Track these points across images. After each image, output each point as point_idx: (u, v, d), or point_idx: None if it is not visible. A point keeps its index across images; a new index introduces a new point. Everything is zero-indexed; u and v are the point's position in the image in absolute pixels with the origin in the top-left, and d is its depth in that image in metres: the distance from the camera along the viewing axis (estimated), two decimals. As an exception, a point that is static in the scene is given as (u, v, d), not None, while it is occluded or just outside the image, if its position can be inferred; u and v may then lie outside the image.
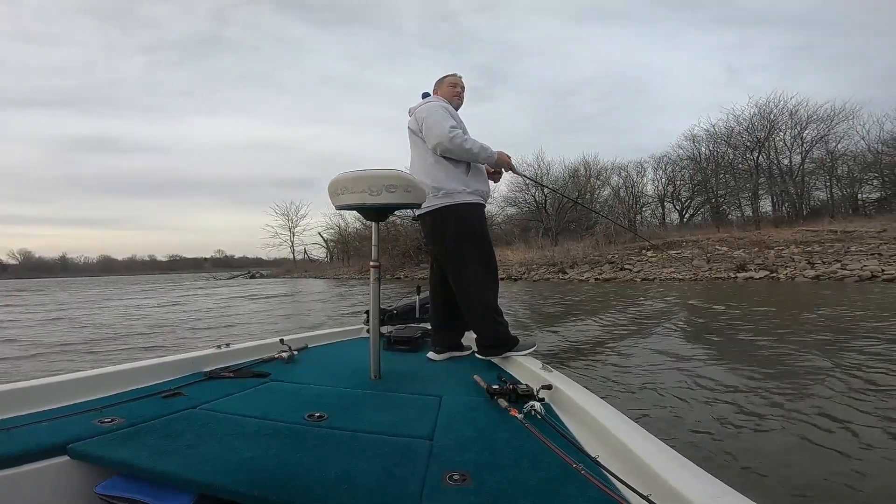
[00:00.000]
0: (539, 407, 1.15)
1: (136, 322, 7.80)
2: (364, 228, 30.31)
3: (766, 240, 13.82)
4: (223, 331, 6.56)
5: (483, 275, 1.86)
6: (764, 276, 11.11)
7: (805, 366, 3.21)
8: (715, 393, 2.70)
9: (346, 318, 7.78)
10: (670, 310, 6.73)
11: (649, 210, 26.58)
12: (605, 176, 25.64)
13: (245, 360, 1.81)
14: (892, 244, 11.12)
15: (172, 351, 4.60)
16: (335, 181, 1.58)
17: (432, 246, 1.99)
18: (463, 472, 0.87)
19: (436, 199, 1.85)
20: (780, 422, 2.22)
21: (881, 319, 4.91)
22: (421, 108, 1.92)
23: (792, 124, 21.01)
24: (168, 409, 1.23)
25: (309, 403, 1.30)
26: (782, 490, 1.61)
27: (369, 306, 1.70)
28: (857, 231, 12.78)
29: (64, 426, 1.07)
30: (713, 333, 4.72)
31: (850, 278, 9.62)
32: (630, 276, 13.67)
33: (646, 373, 3.22)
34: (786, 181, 21.33)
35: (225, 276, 41.91)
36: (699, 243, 15.18)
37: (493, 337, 1.83)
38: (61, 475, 0.95)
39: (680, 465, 0.81)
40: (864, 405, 2.35)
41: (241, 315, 8.79)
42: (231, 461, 0.91)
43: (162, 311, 9.84)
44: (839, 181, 21.23)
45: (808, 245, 12.53)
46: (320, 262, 39.48)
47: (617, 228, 18.83)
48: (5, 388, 1.22)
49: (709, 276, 12.12)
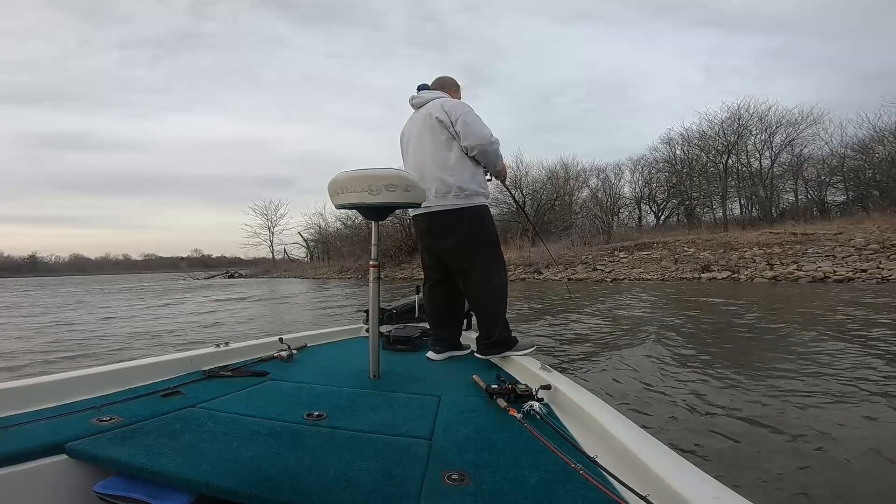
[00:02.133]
0: (538, 407, 1.16)
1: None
2: (344, 228, 30.18)
3: (732, 242, 14.26)
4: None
5: (497, 275, 1.86)
6: (726, 277, 11.50)
7: (716, 350, 3.42)
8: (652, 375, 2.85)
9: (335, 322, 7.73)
10: (629, 307, 6.94)
11: (626, 212, 27.13)
12: (583, 177, 26.07)
13: (244, 359, 1.80)
14: (846, 246, 11.62)
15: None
16: (335, 180, 1.57)
17: (443, 244, 1.90)
18: (462, 472, 0.88)
19: (455, 199, 1.81)
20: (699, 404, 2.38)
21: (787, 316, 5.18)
22: (453, 103, 1.87)
23: (762, 128, 21.78)
24: (167, 408, 1.22)
25: (308, 403, 1.30)
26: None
27: (368, 306, 1.69)
28: (815, 233, 13.29)
29: (62, 425, 1.06)
30: (661, 327, 4.92)
31: (805, 279, 10.04)
32: (601, 276, 13.96)
33: (588, 363, 3.41)
34: (755, 184, 22.03)
35: (203, 276, 41.10)
36: (668, 245, 15.58)
37: (496, 336, 1.82)
38: (59, 474, 0.94)
39: (678, 466, 0.81)
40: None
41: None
42: (230, 460, 0.91)
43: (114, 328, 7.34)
44: (807, 184, 22.03)
45: (770, 247, 12.98)
46: (300, 262, 39.09)
47: (592, 230, 19.18)
48: (3, 386, 1.22)
49: (675, 276, 12.49)
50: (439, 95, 1.93)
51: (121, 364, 1.50)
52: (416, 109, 1.97)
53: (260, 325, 7.22)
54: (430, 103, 1.90)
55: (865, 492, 1.64)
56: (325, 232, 35.31)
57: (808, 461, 1.86)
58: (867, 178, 19.42)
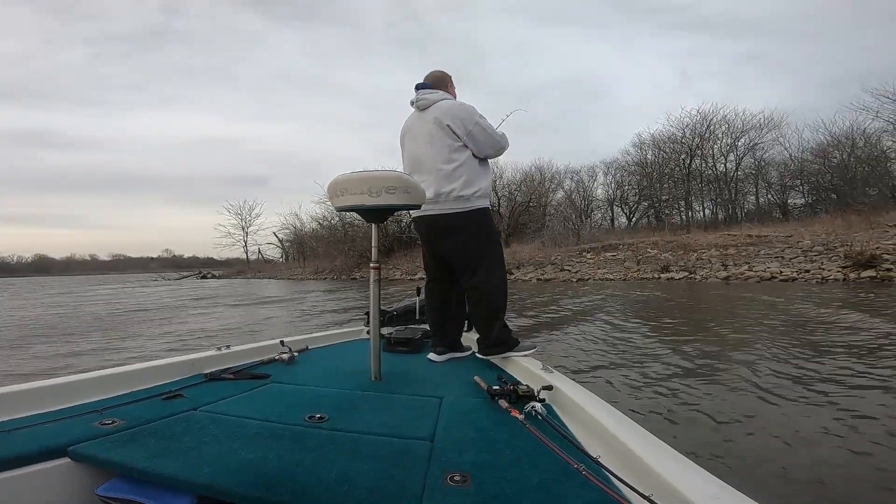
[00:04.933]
0: (540, 407, 1.16)
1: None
2: (320, 229, 29.88)
3: (692, 243, 14.83)
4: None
5: (497, 276, 1.88)
6: (683, 277, 11.98)
7: (656, 341, 3.65)
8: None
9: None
10: (582, 302, 7.22)
11: (600, 213, 27.80)
12: (558, 179, 26.59)
13: (245, 361, 1.80)
14: (794, 248, 12.24)
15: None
16: (335, 182, 1.57)
17: (445, 246, 1.93)
18: (463, 472, 0.88)
19: (455, 203, 1.83)
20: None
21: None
22: (464, 111, 1.85)
23: (729, 132, 22.69)
24: (168, 410, 1.22)
25: (309, 405, 1.29)
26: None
27: (369, 308, 1.69)
28: (769, 236, 13.94)
29: (64, 428, 1.06)
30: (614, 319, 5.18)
31: (753, 279, 10.56)
32: (568, 276, 14.31)
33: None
34: (721, 187, 22.92)
35: (174, 277, 40.03)
36: (633, 246, 16.07)
37: (497, 337, 1.84)
38: (62, 477, 0.94)
39: (681, 465, 0.81)
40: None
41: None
42: (231, 463, 0.91)
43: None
44: (770, 187, 23.04)
45: (727, 248, 13.56)
46: (275, 263, 38.47)
47: (563, 232, 19.60)
48: (5, 390, 1.22)
49: (637, 276, 12.92)
50: (443, 96, 1.91)
51: (123, 367, 1.52)
52: (420, 110, 1.93)
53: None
54: (435, 105, 1.88)
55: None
56: (301, 232, 34.88)
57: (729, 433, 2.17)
58: (826, 181, 20.40)
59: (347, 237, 25.33)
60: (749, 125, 22.31)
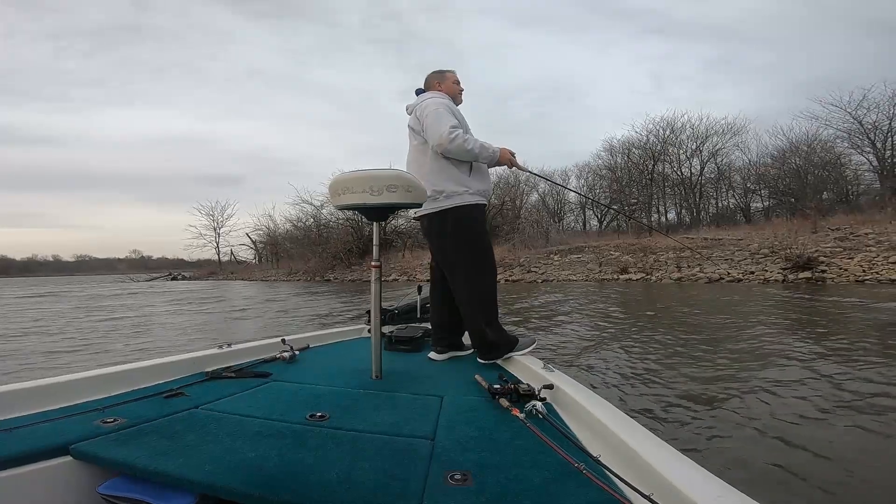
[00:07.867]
0: (541, 406, 1.15)
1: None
2: (294, 230, 29.59)
3: (652, 246, 15.41)
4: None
5: (480, 278, 1.83)
6: (640, 278, 12.48)
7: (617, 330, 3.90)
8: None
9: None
10: (543, 299, 7.50)
11: (573, 216, 28.44)
12: (532, 182, 27.07)
13: (246, 360, 1.81)
14: (743, 251, 12.90)
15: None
16: (336, 181, 1.56)
17: (435, 244, 1.95)
18: (464, 471, 0.88)
19: (435, 202, 1.81)
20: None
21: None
22: (422, 106, 1.84)
23: (694, 137, 23.60)
24: (170, 409, 1.22)
25: (310, 403, 1.29)
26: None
27: (370, 306, 1.69)
28: (723, 239, 14.62)
29: (66, 427, 1.07)
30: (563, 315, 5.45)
31: (703, 280, 11.09)
32: (534, 277, 14.67)
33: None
34: (686, 191, 23.78)
35: (144, 279, 38.88)
36: (598, 249, 16.58)
37: (492, 341, 1.80)
38: (64, 475, 0.95)
39: (682, 464, 0.82)
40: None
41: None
42: (233, 461, 0.91)
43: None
44: (734, 191, 24.00)
45: (683, 251, 14.15)
46: (248, 264, 37.81)
47: (533, 234, 20.03)
48: (7, 388, 1.22)
49: (597, 277, 13.39)
50: (425, 97, 1.90)
51: (125, 366, 1.52)
52: (410, 115, 1.95)
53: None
54: (414, 108, 1.90)
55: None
56: (274, 234, 34.43)
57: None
58: (784, 186, 21.35)
59: (322, 238, 25.17)
60: (712, 130, 23.30)
